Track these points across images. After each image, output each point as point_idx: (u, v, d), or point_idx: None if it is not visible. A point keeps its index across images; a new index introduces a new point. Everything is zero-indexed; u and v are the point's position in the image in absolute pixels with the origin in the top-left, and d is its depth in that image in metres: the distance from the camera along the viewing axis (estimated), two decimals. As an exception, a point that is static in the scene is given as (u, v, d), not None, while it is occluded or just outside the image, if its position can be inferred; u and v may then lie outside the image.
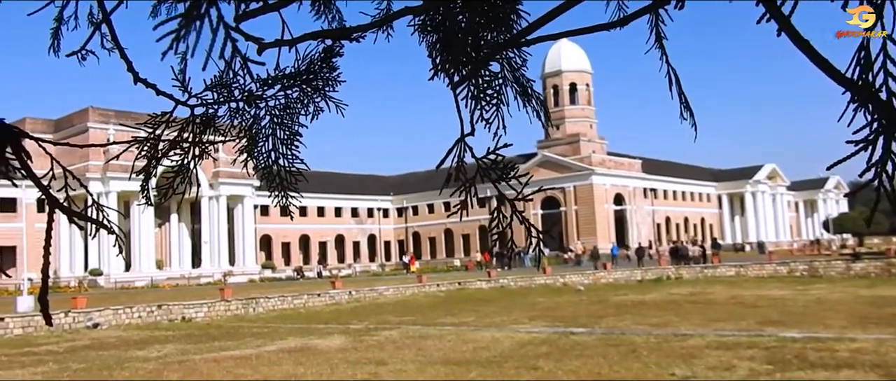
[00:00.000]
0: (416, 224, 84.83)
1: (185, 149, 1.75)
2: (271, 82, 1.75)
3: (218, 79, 1.66)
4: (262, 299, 26.49)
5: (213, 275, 56.15)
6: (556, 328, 16.70)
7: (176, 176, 1.79)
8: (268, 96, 1.77)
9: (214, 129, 1.75)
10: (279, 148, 1.83)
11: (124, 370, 12.45)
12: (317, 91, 1.76)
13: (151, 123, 1.69)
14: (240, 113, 1.77)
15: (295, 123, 1.83)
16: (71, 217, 1.45)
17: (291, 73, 1.75)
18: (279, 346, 15.35)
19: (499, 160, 1.49)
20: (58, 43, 1.90)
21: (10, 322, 20.21)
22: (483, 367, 11.45)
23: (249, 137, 1.79)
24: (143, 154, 1.74)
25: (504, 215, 1.53)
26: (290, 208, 1.85)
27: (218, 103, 1.71)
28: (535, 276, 37.25)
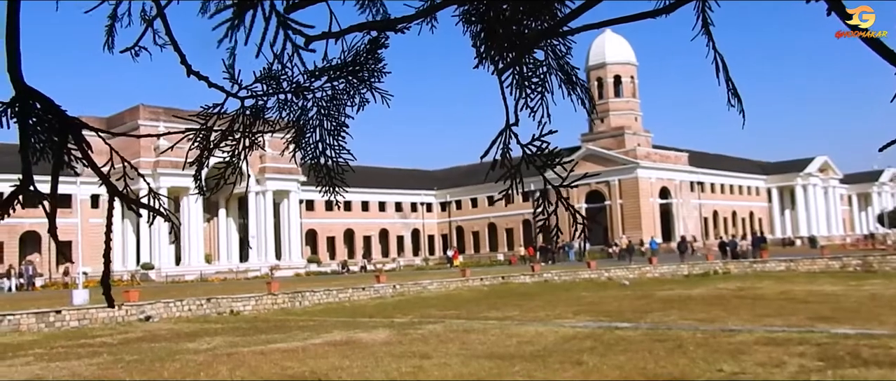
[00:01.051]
0: (459, 218, 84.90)
1: (236, 140, 1.78)
2: (319, 74, 1.76)
3: (267, 71, 1.69)
4: (308, 293, 26.83)
5: (260, 269, 57.09)
6: (600, 323, 16.56)
7: (227, 167, 1.82)
8: (315, 88, 1.79)
9: (264, 120, 1.77)
10: (326, 139, 1.84)
11: (175, 362, 12.74)
12: (363, 82, 1.77)
13: (203, 115, 1.72)
14: (288, 105, 1.79)
15: (341, 115, 1.84)
16: (130, 205, 1.49)
17: (338, 64, 1.76)
18: (325, 339, 15.53)
19: (544, 148, 1.48)
20: (112, 40, 1.94)
21: (67, 315, 20.84)
22: (527, 361, 11.42)
23: (297, 129, 1.81)
24: (195, 146, 1.77)
25: (549, 203, 1.51)
26: (337, 201, 1.87)
27: (267, 95, 1.73)
28: (579, 270, 36.98)
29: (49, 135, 1.38)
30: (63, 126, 1.38)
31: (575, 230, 1.59)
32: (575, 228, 1.58)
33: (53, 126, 1.38)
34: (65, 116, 1.38)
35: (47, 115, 1.38)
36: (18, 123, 1.41)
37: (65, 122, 1.38)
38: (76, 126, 1.39)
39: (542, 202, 1.55)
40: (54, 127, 1.37)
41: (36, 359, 14.04)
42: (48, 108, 1.39)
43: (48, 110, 1.39)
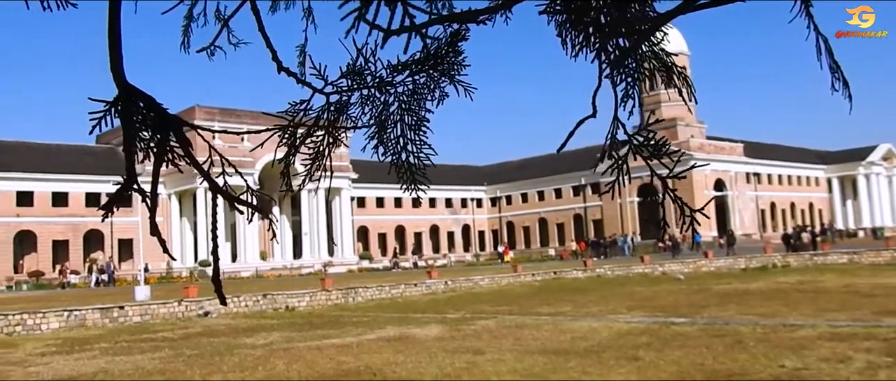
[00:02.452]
0: (509, 214, 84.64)
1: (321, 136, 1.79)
2: (401, 68, 1.76)
3: (351, 66, 1.69)
4: (360, 289, 27.10)
5: (314, 265, 57.89)
6: (655, 318, 16.33)
7: (313, 162, 1.84)
8: (397, 82, 1.80)
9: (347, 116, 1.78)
10: (407, 134, 1.84)
11: (234, 357, 13.01)
12: (444, 75, 1.76)
13: (291, 111, 1.73)
14: (370, 100, 1.79)
15: (422, 109, 1.84)
16: (231, 201, 1.52)
17: (420, 58, 1.76)
18: (379, 334, 15.67)
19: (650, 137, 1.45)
20: (188, 40, 1.96)
21: (130, 310, 21.49)
22: (581, 357, 11.33)
23: (379, 124, 1.81)
24: (283, 142, 1.78)
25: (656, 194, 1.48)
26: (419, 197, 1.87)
27: (351, 90, 1.73)
28: (632, 265, 36.53)
29: (152, 133, 1.41)
30: (164, 124, 1.41)
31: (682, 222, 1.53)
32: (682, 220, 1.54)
33: (155, 124, 1.41)
34: (166, 114, 1.42)
35: (149, 113, 1.42)
36: (122, 121, 1.45)
37: (166, 119, 1.42)
38: (177, 124, 1.42)
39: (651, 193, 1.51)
40: (156, 125, 1.41)
41: (101, 353, 14.51)
42: (150, 106, 1.42)
43: (150, 108, 1.42)
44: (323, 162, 1.82)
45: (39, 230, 56.86)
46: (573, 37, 1.68)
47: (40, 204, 57.19)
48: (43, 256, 56.94)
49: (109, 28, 1.43)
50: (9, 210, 55.66)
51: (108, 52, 1.43)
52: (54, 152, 61.00)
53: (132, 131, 1.43)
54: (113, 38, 1.42)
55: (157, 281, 46.58)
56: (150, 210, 1.47)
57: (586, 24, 1.64)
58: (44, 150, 61.06)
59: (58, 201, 57.85)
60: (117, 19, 1.43)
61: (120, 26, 1.44)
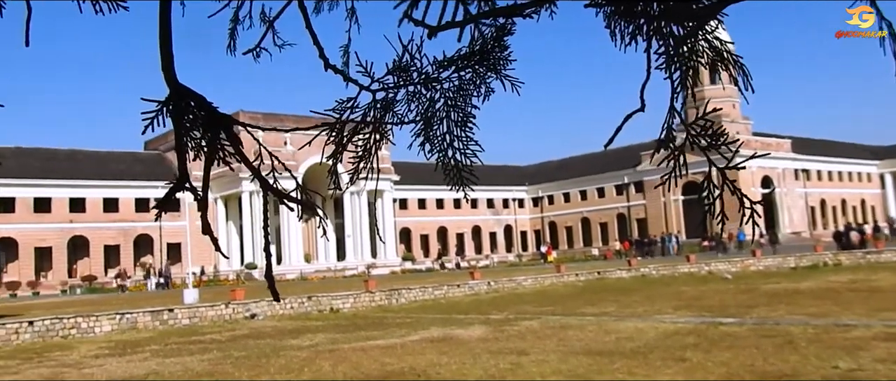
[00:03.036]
0: (551, 214, 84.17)
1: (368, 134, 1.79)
2: (447, 64, 1.76)
3: (396, 63, 1.69)
4: (404, 291, 27.21)
5: (357, 267, 58.37)
6: (702, 318, 16.06)
7: (360, 160, 1.84)
8: (443, 78, 1.79)
9: (393, 113, 1.78)
10: (454, 131, 1.83)
11: (280, 359, 13.17)
12: (490, 71, 1.74)
13: (338, 109, 1.74)
14: (416, 96, 1.78)
15: (468, 106, 1.83)
16: (281, 199, 1.54)
17: (466, 53, 1.75)
18: (422, 336, 15.70)
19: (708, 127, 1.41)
20: (234, 43, 1.98)
21: (179, 313, 21.93)
22: (627, 358, 11.20)
23: (425, 121, 1.80)
24: (330, 140, 1.79)
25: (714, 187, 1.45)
26: (468, 196, 1.86)
27: (397, 87, 1.73)
28: (677, 264, 36.00)
29: (202, 131, 1.43)
30: (215, 122, 1.43)
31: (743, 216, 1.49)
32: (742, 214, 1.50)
33: (206, 123, 1.43)
34: (216, 113, 1.43)
35: (200, 112, 1.44)
36: (173, 120, 1.47)
37: (216, 118, 1.43)
38: (227, 122, 1.44)
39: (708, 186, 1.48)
40: (206, 123, 1.43)
41: (152, 355, 14.83)
42: (200, 105, 1.45)
43: (201, 107, 1.44)
44: (370, 160, 1.82)
45: (91, 235, 58.39)
46: (623, 28, 1.65)
47: (92, 210, 58.74)
48: (95, 260, 58.46)
49: (161, 29, 1.45)
50: (62, 216, 57.29)
51: (159, 52, 1.46)
52: (105, 159, 62.62)
53: (183, 131, 1.45)
54: (164, 39, 1.45)
55: (205, 284, 47.47)
56: (202, 209, 1.50)
57: (637, 14, 1.61)
58: (95, 157, 62.72)
59: (109, 207, 59.36)
60: (168, 20, 1.46)
61: (170, 27, 1.46)
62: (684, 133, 1.68)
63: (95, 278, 56.36)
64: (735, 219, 4.07)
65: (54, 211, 57.22)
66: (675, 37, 1.60)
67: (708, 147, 1.48)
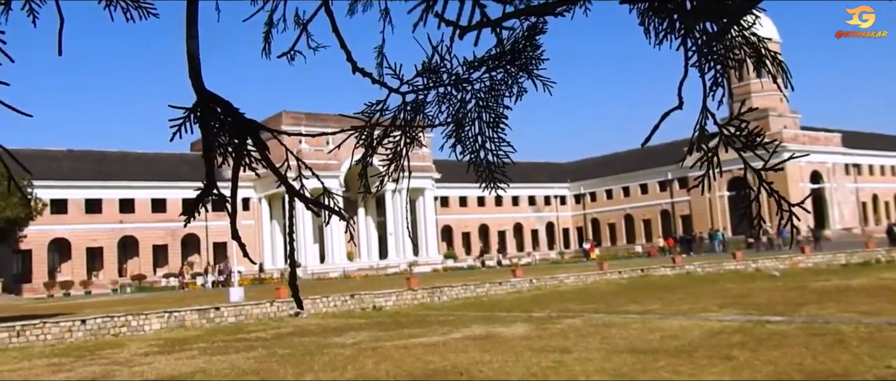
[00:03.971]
0: (594, 211, 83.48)
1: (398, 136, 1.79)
2: (477, 65, 1.75)
3: (426, 64, 1.69)
4: (446, 288, 27.25)
5: (399, 265, 58.67)
6: (749, 317, 15.75)
7: (391, 163, 1.84)
8: (474, 79, 1.78)
9: (423, 115, 1.77)
10: (485, 132, 1.82)
11: (324, 356, 13.30)
12: (522, 70, 1.73)
13: (367, 112, 1.74)
14: (447, 98, 1.77)
15: (499, 106, 1.81)
16: (307, 205, 1.55)
17: (496, 53, 1.74)
18: (464, 333, 15.70)
19: (743, 127, 1.38)
20: (269, 46, 2.00)
21: (225, 311, 22.31)
22: (672, 356, 11.04)
23: (456, 122, 1.79)
24: (360, 143, 1.79)
25: (751, 188, 1.41)
26: (500, 196, 1.85)
27: (427, 89, 1.73)
28: (723, 261, 35.39)
29: (229, 138, 1.45)
30: (242, 128, 1.44)
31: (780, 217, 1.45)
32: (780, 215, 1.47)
33: (233, 129, 1.44)
34: (243, 119, 1.45)
35: (227, 118, 1.45)
36: (201, 127, 1.49)
37: (243, 124, 1.45)
38: (254, 128, 1.45)
39: (744, 187, 1.44)
40: (234, 129, 1.44)
41: (200, 353, 15.10)
42: (228, 111, 1.46)
43: (228, 113, 1.46)
44: (401, 162, 1.81)
45: (140, 235, 59.77)
46: (657, 24, 1.62)
47: (141, 211, 60.12)
48: (144, 260, 59.83)
49: (188, 37, 1.47)
50: (113, 217, 58.74)
51: (186, 59, 1.48)
52: (153, 161, 64.04)
53: (211, 137, 1.47)
54: (191, 46, 1.47)
55: (251, 283, 48.23)
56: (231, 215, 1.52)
57: (670, 10, 1.58)
58: (144, 159, 64.19)
59: (157, 208, 60.68)
60: (195, 28, 1.48)
61: (197, 35, 1.48)
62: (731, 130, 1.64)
63: (145, 276, 57.68)
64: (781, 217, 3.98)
65: (105, 212, 58.71)
66: (708, 33, 1.56)
67: (743, 148, 1.44)
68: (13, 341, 18.35)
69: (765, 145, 1.42)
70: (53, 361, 15.18)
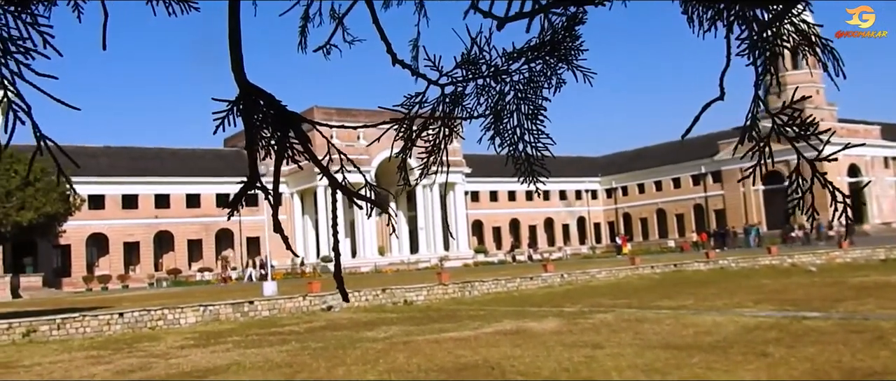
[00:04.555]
0: (625, 205, 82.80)
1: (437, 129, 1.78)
2: (516, 56, 1.74)
3: (465, 56, 1.68)
4: (477, 283, 27.26)
5: (430, 260, 58.81)
6: (785, 312, 15.52)
7: (429, 156, 1.84)
8: (513, 71, 1.77)
9: (462, 107, 1.76)
10: (524, 124, 1.81)
11: (356, 350, 13.40)
12: (561, 61, 1.71)
13: (406, 104, 1.74)
14: (486, 90, 1.77)
15: (538, 98, 1.79)
16: (350, 197, 1.56)
17: (536, 44, 1.73)
18: (496, 328, 15.70)
19: (796, 116, 1.35)
20: (305, 40, 2.00)
21: (259, 305, 22.58)
22: (706, 352, 10.92)
23: (495, 114, 1.78)
24: (399, 136, 1.79)
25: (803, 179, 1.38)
26: (539, 189, 1.84)
27: (466, 81, 1.72)
28: (757, 256, 34.91)
29: (272, 130, 1.46)
30: (284, 121, 1.45)
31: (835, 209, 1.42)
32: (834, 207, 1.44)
33: (275, 121, 1.45)
34: (285, 111, 1.45)
35: (270, 110, 1.47)
36: (243, 120, 1.51)
37: (285, 116, 1.46)
38: (296, 120, 1.46)
39: (796, 178, 1.41)
40: (276, 122, 1.45)
41: (234, 346, 15.31)
42: (270, 103, 1.48)
43: (270, 106, 1.47)
44: (439, 155, 1.81)
45: (176, 230, 60.69)
46: (701, 13, 1.59)
47: (176, 206, 61.02)
48: (179, 254, 60.75)
49: (230, 29, 1.49)
50: (148, 212, 59.73)
51: (228, 52, 1.49)
52: (187, 156, 64.95)
53: (253, 130, 1.48)
54: (233, 39, 1.48)
55: (283, 277, 48.70)
56: (273, 208, 1.53)
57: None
58: (179, 155, 65.13)
59: (191, 203, 61.55)
60: (237, 20, 1.49)
61: (239, 27, 1.50)
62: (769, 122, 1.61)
63: (180, 271, 58.57)
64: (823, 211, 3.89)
65: (141, 207, 59.70)
66: (759, 21, 1.53)
67: (795, 138, 1.41)
68: (54, 333, 18.77)
69: (817, 135, 1.39)
70: (92, 353, 15.50)
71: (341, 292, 1.62)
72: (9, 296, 42.52)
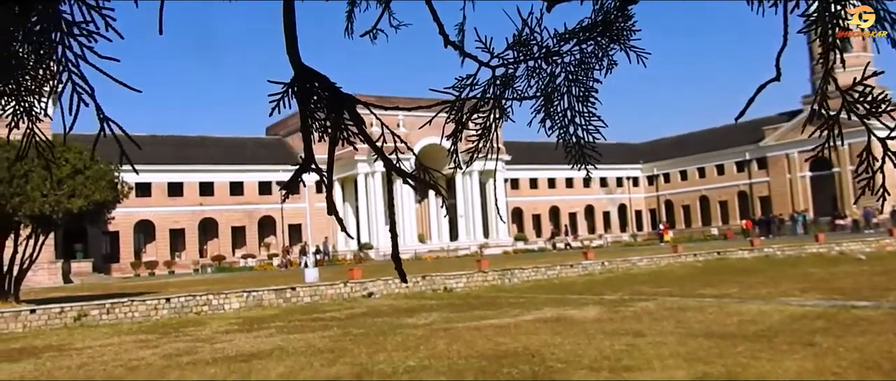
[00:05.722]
0: (667, 192, 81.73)
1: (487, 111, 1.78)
2: (568, 37, 1.72)
3: (516, 37, 1.67)
4: (516, 270, 27.24)
5: (470, 247, 58.89)
6: (833, 302, 15.19)
7: (479, 139, 1.83)
8: (564, 52, 1.75)
9: (512, 89, 1.75)
10: (575, 107, 1.79)
11: (397, 336, 13.50)
12: (614, 42, 1.69)
13: (457, 86, 1.73)
14: (536, 72, 1.76)
15: (590, 80, 1.77)
16: (405, 179, 1.57)
17: (588, 25, 1.71)
18: (536, 315, 15.68)
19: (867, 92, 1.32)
20: (351, 26, 2.01)
21: (300, 292, 22.88)
22: (751, 341, 10.76)
23: (545, 96, 1.76)
24: (451, 119, 1.79)
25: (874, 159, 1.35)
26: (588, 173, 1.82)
27: (517, 62, 1.71)
28: (804, 244, 34.20)
29: (327, 113, 1.48)
30: (338, 102, 1.46)
31: None
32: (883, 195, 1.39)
33: (329, 103, 1.46)
34: (340, 93, 1.46)
35: (324, 92, 1.48)
36: (298, 101, 1.51)
37: (340, 98, 1.47)
38: (350, 102, 1.47)
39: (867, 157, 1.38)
40: (331, 104, 1.46)
41: (277, 331, 15.55)
42: (325, 85, 1.49)
43: (325, 88, 1.49)
44: (489, 138, 1.80)
45: (220, 217, 61.74)
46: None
47: (220, 193, 62.05)
48: (223, 241, 61.81)
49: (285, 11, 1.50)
50: (193, 200, 60.86)
51: (284, 35, 1.51)
52: (230, 145, 65.95)
53: (308, 112, 1.49)
54: (288, 21, 1.49)
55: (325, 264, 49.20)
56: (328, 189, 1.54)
57: None
58: (222, 143, 66.15)
59: (235, 190, 62.52)
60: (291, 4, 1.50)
61: (294, 10, 1.51)
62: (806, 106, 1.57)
63: (224, 257, 59.61)
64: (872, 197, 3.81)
65: (186, 195, 60.83)
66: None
67: (867, 115, 1.37)
68: (104, 318, 19.30)
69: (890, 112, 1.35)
70: (141, 337, 15.90)
71: (399, 273, 1.63)
72: (61, 281, 43.84)
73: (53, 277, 43.78)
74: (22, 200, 20.07)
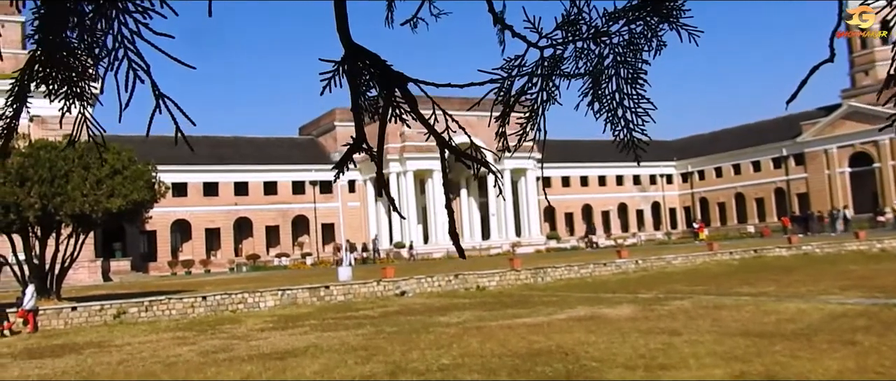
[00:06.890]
0: (702, 189, 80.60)
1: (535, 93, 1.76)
2: (617, 16, 1.70)
3: (565, 17, 1.65)
4: (549, 269, 27.12)
5: (502, 246, 58.74)
6: (875, 300, 14.88)
7: (527, 121, 1.81)
8: (613, 32, 1.72)
9: (560, 71, 1.73)
10: (624, 88, 1.76)
11: (430, 334, 13.53)
12: (664, 21, 1.66)
13: (506, 67, 1.71)
14: (584, 53, 1.73)
15: (638, 61, 1.74)
16: (458, 157, 1.56)
17: (638, 3, 1.69)
18: (569, 314, 15.60)
19: None
20: (392, 15, 2.00)
21: (334, 290, 23.04)
22: (789, 340, 10.58)
23: (593, 78, 1.74)
24: (499, 100, 1.77)
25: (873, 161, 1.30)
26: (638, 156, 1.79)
27: (566, 43, 1.69)
28: (843, 241, 33.53)
29: (378, 90, 1.47)
30: (389, 79, 1.45)
31: None
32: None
33: (380, 80, 1.46)
34: (390, 70, 1.46)
35: (375, 70, 1.47)
36: (348, 79, 1.51)
37: (390, 75, 1.46)
38: (401, 80, 1.46)
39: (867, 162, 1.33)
40: (382, 82, 1.46)
41: (311, 329, 15.69)
42: (375, 63, 1.48)
43: (375, 65, 1.48)
44: (537, 120, 1.78)
45: (254, 217, 62.39)
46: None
47: (254, 193, 62.70)
48: (258, 240, 62.44)
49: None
50: (228, 199, 61.58)
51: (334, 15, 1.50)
52: (264, 145, 66.61)
53: (358, 90, 1.49)
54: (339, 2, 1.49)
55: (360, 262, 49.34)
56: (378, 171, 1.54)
57: None
58: (256, 143, 66.85)
59: (269, 190, 63.13)
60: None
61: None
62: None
63: (258, 256, 60.23)
64: None
65: (221, 195, 61.58)
66: None
67: None
68: (142, 315, 19.64)
69: None
70: (178, 334, 16.15)
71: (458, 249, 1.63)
72: (100, 279, 44.68)
73: (93, 275, 44.64)
74: (63, 199, 20.52)
